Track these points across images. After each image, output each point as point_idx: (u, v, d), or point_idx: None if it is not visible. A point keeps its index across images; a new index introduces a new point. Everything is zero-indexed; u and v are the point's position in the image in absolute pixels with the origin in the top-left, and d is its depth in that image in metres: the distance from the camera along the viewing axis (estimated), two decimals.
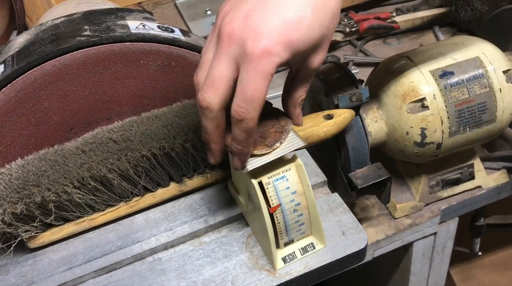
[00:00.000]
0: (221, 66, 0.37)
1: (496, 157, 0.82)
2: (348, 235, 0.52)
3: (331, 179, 0.67)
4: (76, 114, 0.53)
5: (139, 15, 0.56)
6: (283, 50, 0.36)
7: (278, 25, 0.36)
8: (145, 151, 0.51)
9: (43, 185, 0.48)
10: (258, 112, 0.39)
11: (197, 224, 0.54)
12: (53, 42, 0.49)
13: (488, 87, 0.68)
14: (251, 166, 0.45)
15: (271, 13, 0.36)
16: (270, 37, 0.36)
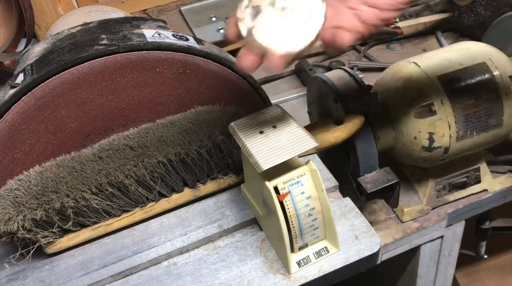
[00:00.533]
0: None
1: (502, 160, 0.83)
2: (361, 239, 0.53)
3: (339, 183, 0.68)
4: (93, 121, 0.53)
5: (153, 23, 0.57)
6: None
7: None
8: (161, 157, 0.51)
9: (62, 191, 0.49)
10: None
11: (211, 229, 0.55)
12: (71, 51, 0.50)
13: (494, 92, 0.69)
14: (266, 165, 0.46)
15: None
16: None
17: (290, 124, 0.50)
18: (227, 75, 0.57)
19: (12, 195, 0.48)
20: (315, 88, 0.77)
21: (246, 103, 0.58)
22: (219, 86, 0.57)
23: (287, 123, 0.50)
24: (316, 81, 0.75)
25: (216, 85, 0.57)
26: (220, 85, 0.57)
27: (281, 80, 1.14)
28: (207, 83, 0.56)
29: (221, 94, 0.58)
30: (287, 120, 0.50)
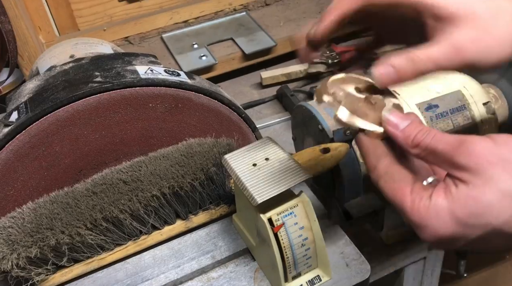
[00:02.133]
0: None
1: None
2: (351, 266, 0.54)
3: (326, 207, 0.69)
4: (86, 156, 0.54)
5: (144, 59, 0.58)
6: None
7: None
8: (156, 191, 0.52)
9: (56, 227, 0.49)
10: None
11: (204, 260, 0.55)
12: (65, 88, 0.51)
13: (470, 119, 0.73)
14: (261, 198, 0.47)
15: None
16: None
17: (282, 156, 0.51)
18: (217, 108, 0.58)
19: (6, 233, 0.48)
20: (299, 116, 0.79)
21: (237, 134, 0.60)
22: (210, 119, 0.59)
23: (278, 155, 0.51)
24: (300, 109, 0.77)
25: (207, 117, 0.58)
26: (211, 117, 0.58)
27: (263, 105, 1.16)
28: (199, 116, 0.57)
29: (212, 126, 0.59)
30: (278, 152, 0.52)
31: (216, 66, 1.15)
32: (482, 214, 0.32)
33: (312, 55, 0.46)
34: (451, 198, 0.34)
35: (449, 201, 0.34)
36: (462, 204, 0.33)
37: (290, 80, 1.18)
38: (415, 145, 0.36)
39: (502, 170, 0.32)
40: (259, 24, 1.26)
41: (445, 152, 0.34)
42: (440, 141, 0.35)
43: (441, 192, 0.35)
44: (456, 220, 0.33)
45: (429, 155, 0.35)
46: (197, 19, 1.28)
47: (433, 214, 0.34)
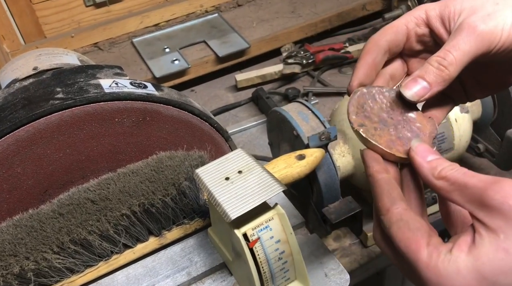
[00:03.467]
0: None
1: None
2: (330, 276, 0.53)
3: (304, 214, 0.68)
4: (51, 176, 0.52)
5: (109, 71, 0.56)
6: None
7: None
8: (125, 210, 0.50)
9: (20, 254, 0.47)
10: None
11: (180, 277, 0.54)
12: (25, 107, 0.48)
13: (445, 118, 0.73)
14: (234, 214, 0.46)
15: None
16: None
17: (255, 169, 0.50)
18: (188, 119, 0.57)
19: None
20: (274, 121, 0.78)
21: (209, 145, 0.58)
22: (181, 131, 0.57)
23: (251, 168, 0.50)
24: (275, 114, 0.76)
25: (178, 129, 0.56)
26: (182, 129, 0.57)
27: (239, 108, 1.14)
28: (168, 129, 0.56)
29: (184, 138, 0.57)
30: (251, 165, 0.50)
31: (189, 70, 1.13)
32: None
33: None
34: (476, 252, 0.29)
35: (474, 256, 0.29)
36: (490, 260, 0.28)
37: (265, 82, 1.17)
38: (441, 177, 0.32)
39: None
40: (231, 25, 1.24)
41: (476, 188, 0.30)
42: (472, 177, 0.30)
43: (463, 245, 0.30)
44: (482, 279, 0.28)
45: (456, 190, 0.31)
46: (168, 22, 1.25)
47: (453, 272, 0.29)
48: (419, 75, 0.37)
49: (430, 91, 0.36)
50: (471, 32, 0.35)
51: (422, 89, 0.36)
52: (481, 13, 0.36)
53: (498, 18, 0.35)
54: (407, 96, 0.37)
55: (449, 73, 0.36)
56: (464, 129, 0.74)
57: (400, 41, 0.40)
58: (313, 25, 1.22)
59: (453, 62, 0.35)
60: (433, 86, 0.36)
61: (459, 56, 0.35)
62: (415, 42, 0.40)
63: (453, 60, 0.35)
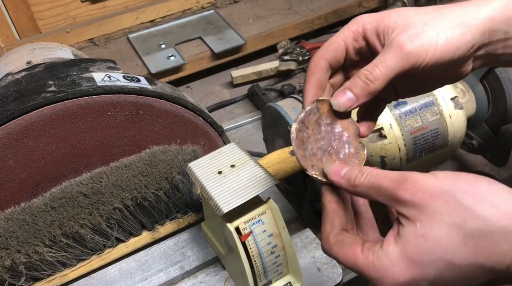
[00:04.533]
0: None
1: None
2: (323, 270, 0.53)
3: (297, 209, 0.68)
4: (43, 169, 0.51)
5: (102, 65, 0.55)
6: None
7: None
8: (117, 203, 0.50)
9: (12, 247, 0.46)
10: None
11: (173, 271, 0.54)
12: (16, 99, 0.48)
13: (439, 114, 0.73)
14: (227, 208, 0.46)
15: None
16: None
17: (248, 163, 0.50)
18: (181, 114, 0.56)
19: None
20: (269, 116, 0.78)
21: (203, 140, 0.58)
22: (174, 125, 0.57)
23: (244, 162, 0.50)
24: (269, 110, 0.76)
25: (171, 124, 0.56)
26: (175, 123, 0.57)
27: (234, 105, 1.14)
28: (161, 123, 0.55)
29: (177, 133, 0.57)
30: (244, 159, 0.50)
31: (185, 66, 1.13)
32: (433, 250, 0.32)
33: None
34: (401, 242, 0.33)
35: (399, 246, 0.33)
36: (412, 245, 0.33)
37: (261, 79, 1.17)
38: (356, 185, 0.36)
39: (444, 203, 0.32)
40: (227, 22, 1.24)
41: (388, 187, 0.34)
42: (383, 178, 0.35)
43: (390, 239, 0.34)
44: (410, 262, 0.33)
45: (374, 192, 0.35)
46: (164, 18, 1.25)
47: (387, 264, 0.33)
48: (348, 87, 0.40)
49: (356, 102, 0.40)
50: (399, 51, 0.38)
51: (348, 100, 0.40)
52: (411, 32, 0.39)
53: (424, 39, 0.38)
54: (334, 107, 0.40)
55: (374, 87, 0.39)
56: (458, 126, 0.74)
57: (339, 57, 0.42)
58: (309, 22, 1.22)
59: (379, 77, 0.39)
60: (359, 98, 0.39)
61: (385, 72, 0.38)
62: (354, 55, 0.43)
63: (379, 75, 0.38)
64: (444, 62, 0.39)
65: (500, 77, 0.76)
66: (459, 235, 0.31)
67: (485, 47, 0.42)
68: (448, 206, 0.32)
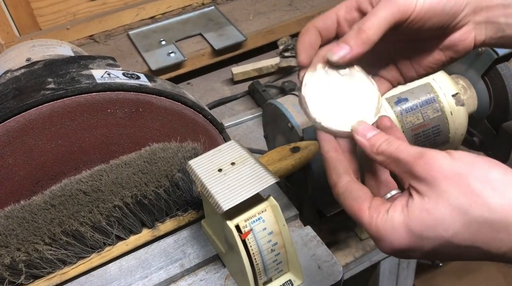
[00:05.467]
0: None
1: None
2: (323, 268, 0.53)
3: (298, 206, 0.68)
4: (42, 167, 0.51)
5: (102, 62, 0.55)
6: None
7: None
8: (117, 201, 0.50)
9: (12, 245, 0.46)
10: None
11: (173, 269, 0.54)
12: (16, 97, 0.48)
13: (440, 111, 0.72)
14: (227, 206, 0.45)
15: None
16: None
17: (248, 160, 0.50)
18: (181, 111, 0.56)
19: None
20: (269, 113, 0.77)
21: (203, 137, 0.58)
22: (174, 122, 0.56)
23: (244, 160, 0.50)
24: (270, 107, 0.76)
25: (171, 121, 0.56)
26: (175, 121, 0.56)
27: (235, 101, 1.14)
28: (161, 120, 0.55)
29: (177, 130, 0.57)
30: (244, 156, 0.50)
31: (185, 63, 1.13)
32: (434, 226, 0.33)
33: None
34: (406, 211, 0.35)
35: (404, 215, 0.35)
36: (416, 217, 0.34)
37: (261, 75, 1.16)
38: (379, 152, 0.37)
39: (455, 185, 0.33)
40: (228, 18, 1.23)
41: (406, 161, 0.35)
42: (402, 151, 0.36)
43: (398, 206, 0.35)
44: (411, 233, 0.34)
45: (392, 163, 0.36)
46: (164, 14, 1.25)
47: (389, 228, 0.35)
48: (342, 40, 0.40)
49: (351, 53, 0.40)
50: (388, 2, 0.39)
51: (344, 52, 0.40)
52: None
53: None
54: (330, 58, 0.40)
55: (367, 35, 0.39)
56: (460, 123, 0.74)
57: (329, 26, 0.43)
58: (310, 18, 1.22)
59: (371, 26, 0.39)
60: (354, 48, 0.40)
61: (376, 20, 0.39)
62: (346, 27, 0.43)
63: (371, 24, 0.39)
64: (435, 14, 0.40)
65: (502, 73, 0.75)
66: (462, 218, 0.32)
67: (484, 12, 0.42)
68: (457, 188, 0.33)
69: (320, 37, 0.43)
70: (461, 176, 0.33)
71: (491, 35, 0.43)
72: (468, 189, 0.32)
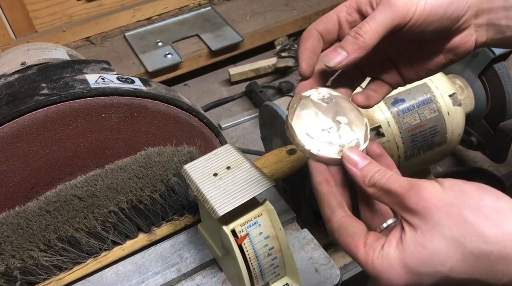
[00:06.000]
0: None
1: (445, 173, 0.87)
2: (321, 271, 0.53)
3: (295, 208, 0.68)
4: (37, 173, 0.51)
5: (96, 66, 0.55)
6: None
7: None
8: (113, 206, 0.50)
9: (6, 252, 0.46)
10: None
11: (170, 274, 0.53)
12: (9, 103, 0.47)
13: (437, 111, 0.72)
14: (222, 211, 0.45)
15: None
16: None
17: (243, 164, 0.49)
18: (177, 115, 0.56)
19: None
20: (266, 115, 0.77)
21: (199, 141, 0.58)
22: (170, 126, 0.56)
23: (240, 164, 0.49)
24: (266, 109, 0.75)
25: (166, 125, 0.56)
26: (171, 125, 0.56)
27: (232, 102, 1.14)
28: (156, 124, 0.55)
29: (173, 134, 0.57)
30: (239, 160, 0.50)
31: (182, 64, 1.13)
32: (430, 261, 0.32)
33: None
34: (401, 247, 0.33)
35: (399, 250, 0.33)
36: (411, 252, 0.33)
37: (259, 76, 1.16)
38: (371, 185, 0.36)
39: (447, 216, 0.32)
40: (225, 19, 1.23)
41: (397, 193, 0.34)
42: (393, 183, 0.34)
43: (393, 241, 0.34)
44: (407, 269, 0.33)
45: (383, 195, 0.35)
46: (160, 15, 1.24)
47: (385, 266, 0.34)
48: (339, 46, 0.40)
49: (347, 58, 0.39)
50: (387, 6, 0.39)
51: (340, 58, 0.39)
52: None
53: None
54: (325, 63, 0.40)
55: (364, 40, 0.38)
56: (457, 123, 0.74)
57: (331, 29, 0.43)
58: (307, 18, 1.21)
59: (368, 31, 0.38)
60: (350, 54, 0.39)
61: (374, 25, 0.38)
62: (348, 29, 0.43)
63: (368, 29, 0.38)
64: (437, 18, 0.39)
65: (499, 73, 0.75)
66: (457, 250, 0.31)
67: (485, 15, 0.41)
68: (450, 219, 0.32)
69: (322, 41, 0.43)
70: (452, 206, 0.32)
71: (491, 37, 0.43)
72: (461, 220, 0.31)
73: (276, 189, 0.65)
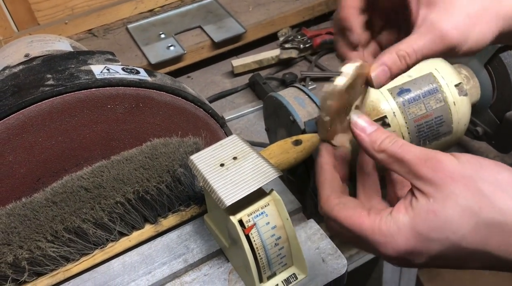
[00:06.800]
0: None
1: None
2: (328, 261, 0.53)
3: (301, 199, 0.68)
4: (43, 164, 0.51)
5: (101, 57, 0.55)
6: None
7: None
8: (119, 197, 0.50)
9: (14, 242, 0.46)
10: None
11: (176, 264, 0.53)
12: (14, 94, 0.47)
13: (443, 101, 0.72)
14: (230, 201, 0.45)
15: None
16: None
17: (250, 154, 0.49)
18: (182, 105, 0.56)
19: None
20: (270, 106, 0.77)
21: (204, 132, 0.58)
22: (175, 117, 0.56)
23: (247, 154, 0.49)
24: (271, 100, 0.75)
25: (172, 116, 0.56)
26: (176, 116, 0.56)
27: (236, 94, 1.13)
28: (162, 115, 0.55)
29: (178, 125, 0.56)
30: (246, 150, 0.50)
31: (185, 56, 1.12)
32: (442, 228, 0.32)
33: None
34: (411, 212, 0.33)
35: (410, 216, 0.33)
36: (423, 218, 0.33)
37: (262, 67, 1.16)
38: (381, 150, 0.36)
39: (463, 186, 0.32)
40: (227, 10, 1.22)
41: (411, 162, 0.34)
42: (408, 152, 0.34)
43: (401, 207, 0.34)
44: (417, 234, 0.33)
45: (395, 162, 0.35)
46: (163, 7, 1.24)
47: (394, 230, 0.33)
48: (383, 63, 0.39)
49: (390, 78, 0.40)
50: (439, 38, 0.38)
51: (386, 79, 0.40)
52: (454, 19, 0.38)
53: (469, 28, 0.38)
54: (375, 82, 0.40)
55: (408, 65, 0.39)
56: (463, 113, 0.73)
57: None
58: (310, 8, 1.21)
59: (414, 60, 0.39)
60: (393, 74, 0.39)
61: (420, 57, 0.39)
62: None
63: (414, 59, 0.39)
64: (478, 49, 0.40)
65: (505, 62, 0.75)
66: (471, 220, 0.31)
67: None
68: (466, 190, 0.32)
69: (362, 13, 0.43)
70: (469, 178, 0.32)
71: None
72: (478, 191, 0.32)
73: (281, 180, 0.65)
